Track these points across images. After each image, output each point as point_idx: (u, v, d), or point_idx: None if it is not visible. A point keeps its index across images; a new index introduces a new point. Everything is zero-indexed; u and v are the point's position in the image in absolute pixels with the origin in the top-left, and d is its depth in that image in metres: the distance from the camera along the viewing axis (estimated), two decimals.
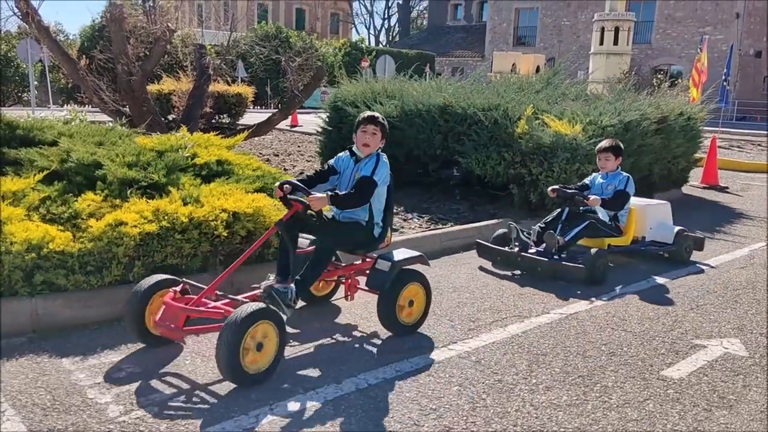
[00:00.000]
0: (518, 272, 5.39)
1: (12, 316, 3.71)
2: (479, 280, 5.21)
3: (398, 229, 6.37)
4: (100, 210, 4.31)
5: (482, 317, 4.35)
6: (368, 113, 4.08)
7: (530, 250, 5.36)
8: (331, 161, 4.13)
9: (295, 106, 10.33)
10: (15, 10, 7.97)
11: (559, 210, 5.60)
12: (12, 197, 4.31)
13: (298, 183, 3.77)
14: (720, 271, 5.74)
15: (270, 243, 4.72)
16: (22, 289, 3.77)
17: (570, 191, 5.56)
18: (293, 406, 3.04)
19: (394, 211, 7.13)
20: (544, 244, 5.34)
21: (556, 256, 5.23)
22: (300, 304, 3.92)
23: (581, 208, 5.54)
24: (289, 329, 3.66)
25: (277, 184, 3.77)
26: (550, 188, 5.65)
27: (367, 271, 3.98)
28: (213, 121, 14.88)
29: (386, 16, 62.77)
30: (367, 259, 4.17)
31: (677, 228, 6.00)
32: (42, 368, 3.33)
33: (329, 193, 3.74)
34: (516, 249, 5.38)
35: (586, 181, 5.90)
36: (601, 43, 27.06)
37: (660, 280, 5.39)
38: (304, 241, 4.13)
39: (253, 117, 14.98)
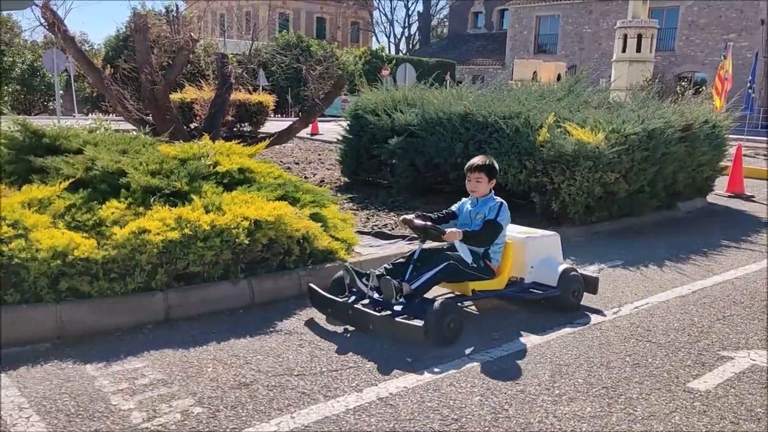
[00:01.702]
0: (351, 328, 4.14)
1: (37, 322, 3.76)
2: None
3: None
4: (123, 217, 4.36)
5: (505, 327, 4.30)
6: None
7: (363, 302, 4.13)
8: None
9: (315, 114, 10.39)
10: (41, 21, 8.13)
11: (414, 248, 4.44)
12: (38, 205, 4.38)
13: None
14: (747, 282, 5.63)
15: (291, 251, 4.74)
16: (47, 296, 3.82)
17: (420, 223, 4.34)
18: (314, 413, 3.04)
19: None
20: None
21: (398, 308, 4.03)
22: None
23: (445, 244, 4.44)
24: None
25: None
26: (401, 218, 4.51)
27: None
28: (234, 129, 15.02)
29: (406, 24, 62.95)
30: None
31: (563, 266, 4.73)
32: (66, 374, 3.37)
33: None
34: (351, 298, 4.16)
35: (454, 207, 4.68)
36: (624, 51, 26.83)
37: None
38: None
39: (274, 125, 15.09)
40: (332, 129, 13.65)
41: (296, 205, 5.18)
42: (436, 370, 3.57)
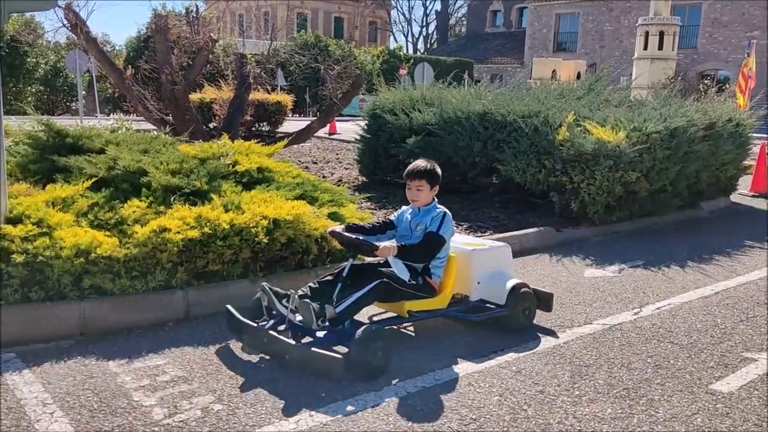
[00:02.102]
0: (266, 357, 3.63)
1: (61, 319, 3.82)
2: None
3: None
4: (144, 216, 4.41)
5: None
6: None
7: (282, 327, 3.62)
8: None
9: (333, 114, 10.43)
10: (64, 22, 8.25)
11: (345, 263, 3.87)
12: (62, 203, 4.45)
13: None
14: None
15: (309, 250, 4.76)
16: (70, 293, 3.88)
17: (348, 237, 3.85)
18: (333, 412, 3.04)
19: None
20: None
21: (321, 333, 3.55)
22: None
23: (381, 259, 3.88)
24: None
25: None
26: (329, 230, 4.05)
27: None
28: (253, 129, 15.12)
29: (424, 23, 62.91)
30: None
31: (512, 282, 4.18)
32: (89, 371, 3.41)
33: None
34: (269, 323, 3.64)
35: (392, 217, 4.20)
36: (645, 48, 26.55)
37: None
38: None
39: (292, 125, 15.17)
40: (350, 128, 13.69)
41: (314, 204, 5.20)
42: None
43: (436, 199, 4.05)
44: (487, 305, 4.22)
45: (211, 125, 12.17)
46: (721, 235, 7.41)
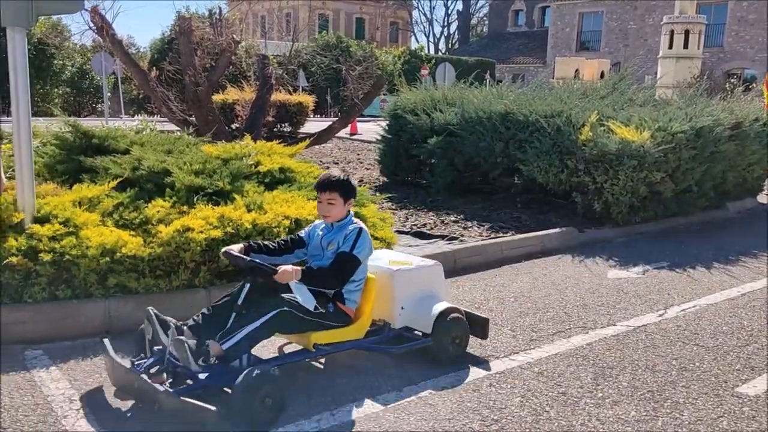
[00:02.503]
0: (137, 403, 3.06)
1: (87, 318, 3.88)
2: (541, 290, 5.11)
3: (458, 237, 6.33)
4: (168, 216, 4.46)
5: (544, 327, 4.26)
6: None
7: (153, 369, 3.02)
8: None
9: (354, 114, 10.45)
10: (90, 25, 8.37)
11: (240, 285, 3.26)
12: (88, 203, 4.51)
13: None
14: None
15: None
16: (96, 292, 3.94)
17: (243, 258, 3.24)
18: (354, 412, 3.05)
19: (454, 219, 7.11)
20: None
21: (203, 375, 2.96)
22: None
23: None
24: None
25: None
26: (222, 250, 3.40)
27: None
28: (275, 129, 15.20)
29: (446, 23, 62.69)
30: None
31: (440, 307, 3.61)
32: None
33: None
34: (147, 361, 3.05)
35: (302, 233, 3.64)
36: (671, 47, 26.13)
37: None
38: None
39: (313, 125, 15.22)
40: (371, 129, 13.71)
41: None
42: None
43: (351, 213, 3.54)
44: (414, 333, 3.68)
45: (233, 126, 12.27)
46: (748, 236, 7.29)
